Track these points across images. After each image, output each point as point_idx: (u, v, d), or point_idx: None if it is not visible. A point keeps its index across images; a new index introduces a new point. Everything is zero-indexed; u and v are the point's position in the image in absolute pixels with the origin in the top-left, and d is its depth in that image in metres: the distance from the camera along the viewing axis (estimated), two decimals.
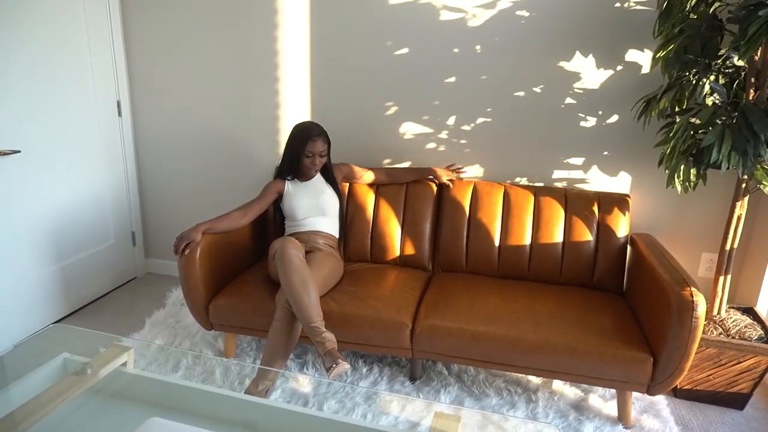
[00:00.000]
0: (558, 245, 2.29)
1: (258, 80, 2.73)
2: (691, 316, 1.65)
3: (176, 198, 3.08)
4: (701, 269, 2.45)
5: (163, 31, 2.80)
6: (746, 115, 1.66)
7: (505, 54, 2.40)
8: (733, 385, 2.03)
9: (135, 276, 3.18)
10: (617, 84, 2.33)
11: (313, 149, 2.25)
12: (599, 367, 1.80)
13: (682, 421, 1.99)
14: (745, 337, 1.97)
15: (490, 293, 2.14)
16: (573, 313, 1.99)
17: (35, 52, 2.34)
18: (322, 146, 2.27)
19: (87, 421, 1.49)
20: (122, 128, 2.92)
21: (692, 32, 1.86)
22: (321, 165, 2.32)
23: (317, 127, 2.27)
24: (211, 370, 2.16)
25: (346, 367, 1.78)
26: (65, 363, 1.67)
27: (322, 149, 2.28)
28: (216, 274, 2.18)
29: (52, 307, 2.59)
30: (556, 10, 2.30)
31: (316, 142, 2.25)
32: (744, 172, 1.69)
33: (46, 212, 2.49)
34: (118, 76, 2.84)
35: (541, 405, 2.02)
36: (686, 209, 2.40)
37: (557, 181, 2.50)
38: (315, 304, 1.89)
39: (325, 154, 2.31)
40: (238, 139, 2.86)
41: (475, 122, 2.52)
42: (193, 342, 2.42)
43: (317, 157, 2.28)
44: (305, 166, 2.29)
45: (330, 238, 2.35)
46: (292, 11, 2.59)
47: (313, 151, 2.26)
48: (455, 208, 2.40)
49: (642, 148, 2.37)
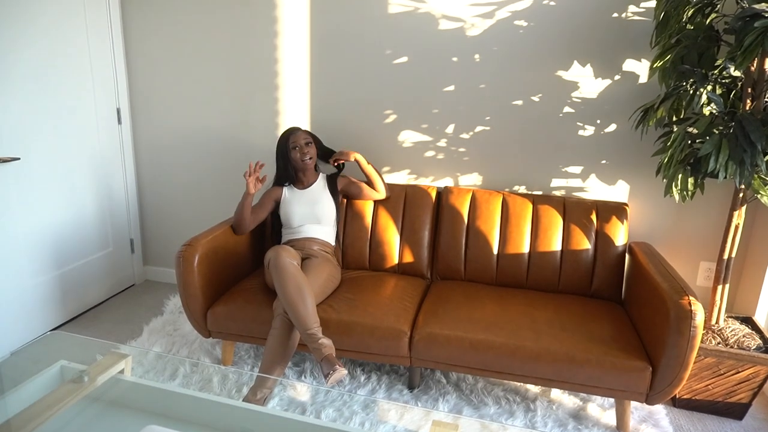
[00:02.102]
0: (556, 254, 2.29)
1: (257, 88, 2.74)
2: (689, 325, 1.65)
3: (175, 206, 3.09)
4: (699, 278, 2.45)
5: (163, 40, 2.81)
6: (743, 125, 1.67)
7: (503, 63, 2.42)
8: (732, 395, 2.02)
9: (133, 283, 3.17)
10: (615, 93, 2.34)
11: (296, 140, 2.34)
12: (598, 376, 1.80)
13: (681, 431, 1.99)
14: (743, 347, 1.97)
15: (488, 301, 2.14)
16: (572, 322, 1.99)
17: (35, 59, 2.35)
18: (304, 136, 2.36)
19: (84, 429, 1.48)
20: (122, 136, 2.92)
21: (689, 42, 1.88)
22: (312, 154, 2.36)
23: (294, 126, 2.48)
24: (208, 377, 2.15)
25: (343, 373, 1.78)
26: (62, 370, 1.67)
27: (306, 138, 2.36)
28: (214, 282, 2.18)
29: (50, 314, 2.58)
30: (555, 19, 2.32)
31: (296, 133, 2.35)
32: (741, 181, 1.70)
33: (44, 219, 2.49)
34: (118, 83, 2.85)
35: (539, 414, 2.01)
36: (684, 218, 2.40)
37: (556, 189, 2.51)
38: (311, 311, 1.89)
39: (310, 142, 2.36)
40: (237, 147, 2.87)
41: (473, 131, 2.54)
42: (191, 350, 2.41)
43: (304, 147, 2.34)
44: (296, 160, 2.34)
45: (325, 245, 2.35)
46: (291, 19, 2.61)
47: (297, 143, 2.33)
48: (454, 216, 2.40)
49: (640, 157, 2.38)
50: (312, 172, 2.43)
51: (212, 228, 2.27)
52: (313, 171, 2.43)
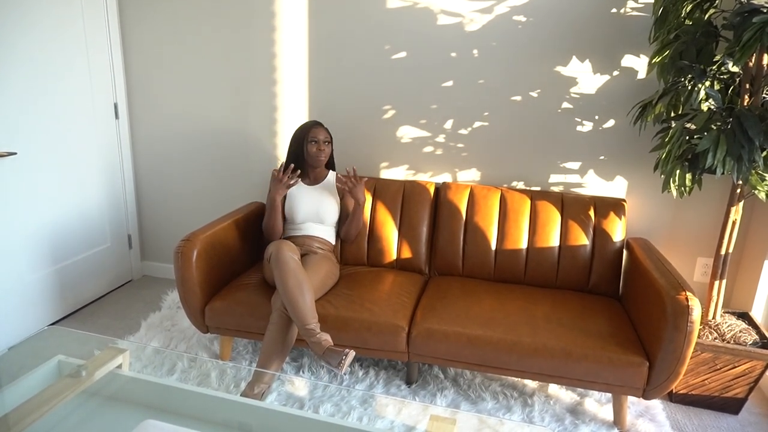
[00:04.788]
0: (554, 249, 2.29)
1: (256, 83, 2.74)
2: (686, 320, 1.66)
3: (173, 201, 3.08)
4: (696, 274, 2.46)
5: (160, 34, 2.80)
6: (741, 121, 1.67)
7: (502, 58, 2.42)
8: (728, 390, 2.03)
9: (131, 279, 3.17)
10: (613, 89, 2.34)
11: (317, 135, 2.29)
12: (595, 371, 1.80)
13: (677, 425, 2.00)
14: (740, 342, 1.98)
15: (486, 297, 2.15)
16: (569, 317, 2.00)
17: (32, 53, 2.34)
18: (325, 134, 2.32)
19: (82, 423, 1.48)
20: (119, 131, 2.92)
21: (687, 38, 1.88)
22: (327, 154, 2.32)
23: (317, 121, 2.36)
24: (206, 372, 2.15)
25: (353, 353, 1.80)
26: (60, 365, 1.67)
27: (326, 137, 2.31)
28: (212, 278, 2.18)
29: (47, 310, 2.58)
30: (553, 15, 2.32)
31: (319, 129, 2.31)
32: (739, 177, 1.70)
33: (42, 214, 2.48)
34: (115, 78, 2.84)
35: (536, 409, 2.02)
36: (682, 214, 2.41)
37: (554, 185, 2.51)
38: (310, 306, 1.89)
39: (329, 142, 2.33)
40: (235, 141, 2.86)
41: (472, 126, 2.53)
42: (189, 345, 2.41)
43: (322, 143, 2.30)
44: (311, 155, 2.30)
45: (325, 243, 2.35)
46: (290, 15, 2.60)
47: (317, 137, 2.29)
48: (452, 212, 2.40)
49: (638, 153, 2.38)
50: (322, 170, 2.42)
51: (211, 223, 2.26)
52: (323, 168, 2.42)
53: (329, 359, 1.80)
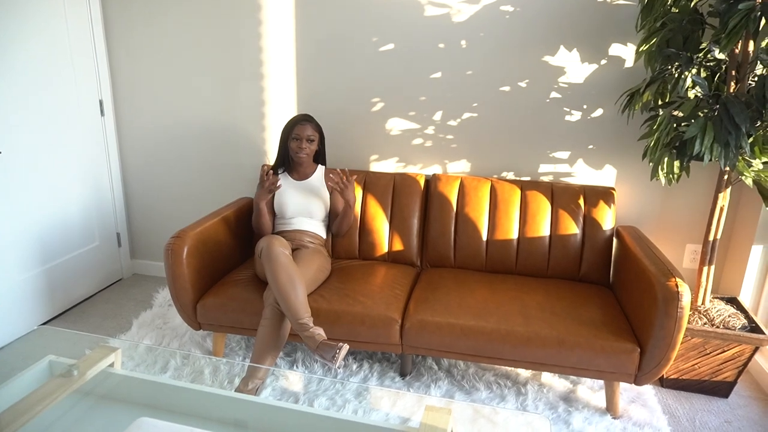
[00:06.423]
0: (545, 239, 2.31)
1: (243, 78, 2.71)
2: (676, 306, 1.68)
3: (161, 198, 3.05)
4: (686, 260, 2.48)
5: (145, 29, 2.76)
6: (728, 108, 1.69)
7: (490, 49, 2.41)
8: (718, 374, 2.06)
9: (121, 277, 3.15)
10: (601, 78, 2.35)
11: (300, 132, 2.27)
12: (588, 359, 1.82)
13: (669, 410, 2.02)
14: (729, 327, 2.00)
15: (478, 288, 2.16)
16: (561, 306, 2.01)
17: (15, 51, 2.30)
18: (311, 131, 2.28)
19: (74, 423, 1.47)
20: (105, 128, 2.88)
21: (674, 26, 1.89)
22: (310, 151, 2.31)
23: (307, 115, 2.32)
24: (200, 369, 2.14)
25: (347, 346, 1.79)
26: (51, 365, 1.65)
27: (311, 134, 2.28)
28: (203, 274, 2.16)
29: (37, 310, 2.55)
30: (540, 4, 2.31)
31: (304, 126, 2.28)
32: (726, 163, 1.71)
33: (29, 214, 2.45)
34: (99, 74, 2.80)
35: (530, 397, 2.04)
36: (670, 201, 2.43)
37: (543, 175, 2.52)
38: (302, 301, 1.88)
39: (314, 140, 2.30)
40: (223, 136, 2.84)
41: (461, 117, 2.53)
42: (182, 342, 2.40)
43: (304, 141, 2.28)
44: (292, 150, 2.29)
45: (316, 237, 2.34)
46: (276, 8, 2.57)
47: (299, 135, 2.27)
48: (443, 204, 2.41)
49: (626, 141, 2.40)
50: (309, 165, 2.40)
51: (200, 220, 2.25)
52: (310, 163, 2.41)
53: (323, 353, 1.80)
